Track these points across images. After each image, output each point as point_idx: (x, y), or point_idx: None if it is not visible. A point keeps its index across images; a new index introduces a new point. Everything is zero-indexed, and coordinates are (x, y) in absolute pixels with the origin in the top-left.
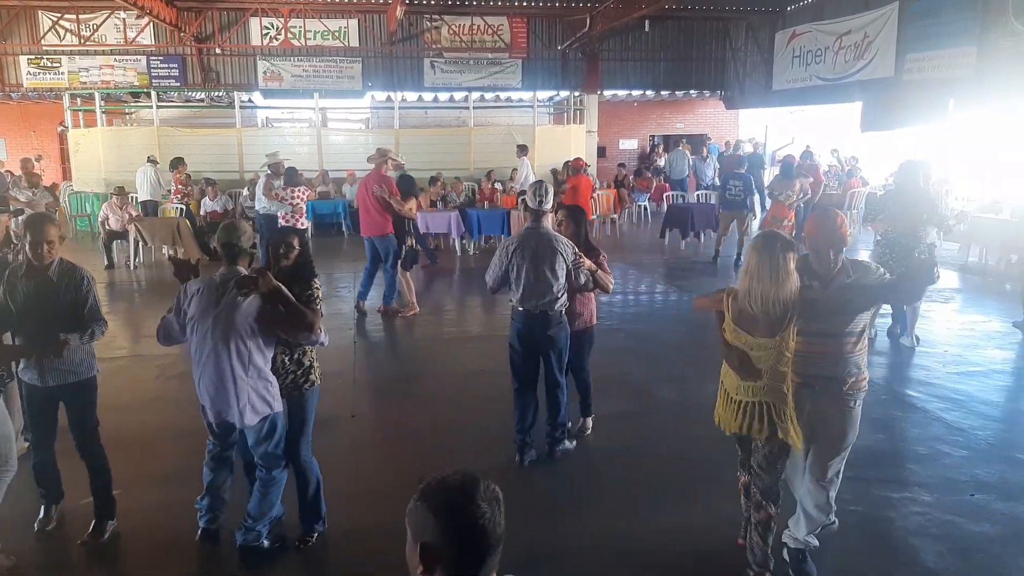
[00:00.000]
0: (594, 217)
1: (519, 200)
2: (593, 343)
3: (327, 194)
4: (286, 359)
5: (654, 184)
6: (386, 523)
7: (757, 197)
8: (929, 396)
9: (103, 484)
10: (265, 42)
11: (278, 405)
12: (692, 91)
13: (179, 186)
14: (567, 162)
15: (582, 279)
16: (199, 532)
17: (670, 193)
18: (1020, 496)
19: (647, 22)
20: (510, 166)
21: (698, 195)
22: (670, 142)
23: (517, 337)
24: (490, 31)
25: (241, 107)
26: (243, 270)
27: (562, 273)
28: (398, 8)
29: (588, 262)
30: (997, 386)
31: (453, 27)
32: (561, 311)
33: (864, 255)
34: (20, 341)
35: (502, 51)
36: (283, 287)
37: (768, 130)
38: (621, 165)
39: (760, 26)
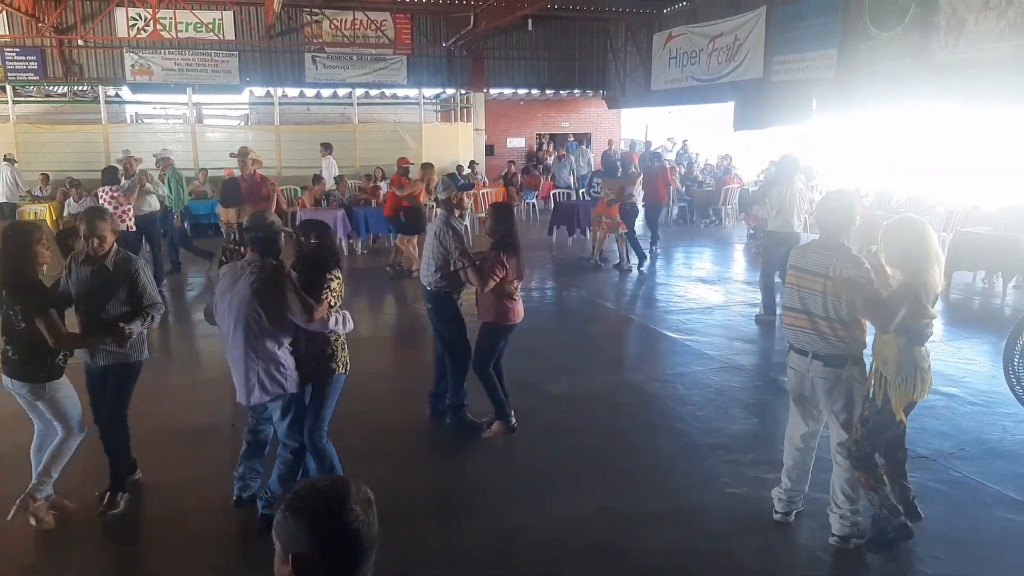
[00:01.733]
0: (481, 215)
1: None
2: (493, 340)
3: (203, 194)
4: (308, 345)
5: (542, 182)
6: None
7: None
8: None
9: (117, 463)
10: (132, 34)
11: (293, 387)
12: (576, 90)
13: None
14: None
15: (456, 266)
16: (233, 498)
17: (556, 191)
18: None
19: (530, 21)
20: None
21: (581, 193)
22: (557, 141)
23: None
24: (373, 27)
25: (107, 102)
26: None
27: (439, 256)
28: (275, 1)
29: (458, 253)
30: None
31: (335, 21)
32: (439, 291)
33: (739, 248)
34: (78, 324)
35: (386, 47)
36: (285, 274)
37: (648, 129)
38: (510, 162)
39: (638, 27)
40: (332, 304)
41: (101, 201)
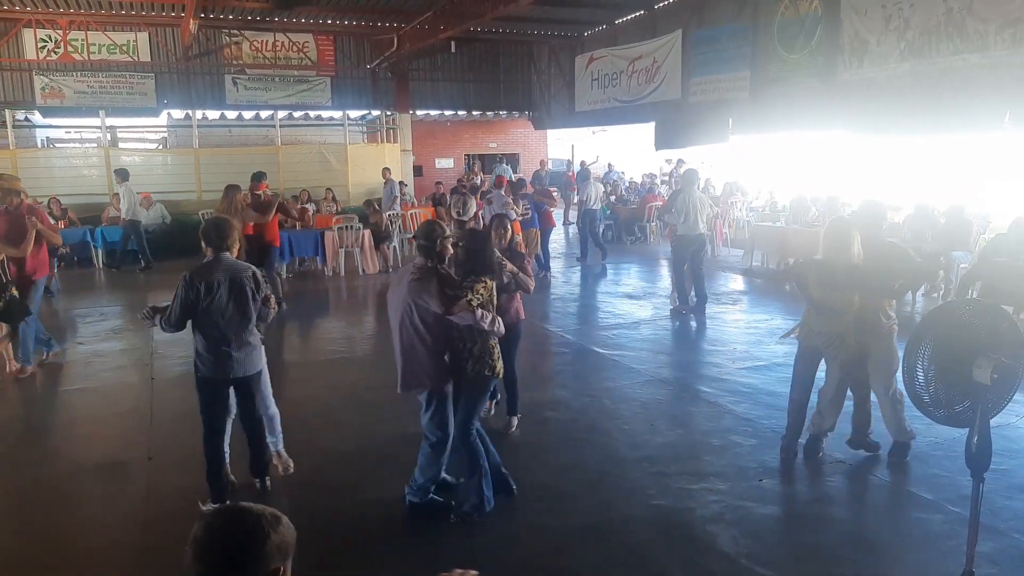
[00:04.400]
0: (410, 235)
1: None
2: (520, 339)
3: (118, 220)
4: (467, 346)
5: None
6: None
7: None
8: (720, 391)
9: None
10: (42, 56)
11: (429, 383)
12: (502, 112)
13: None
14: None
15: (504, 279)
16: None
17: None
18: (800, 479)
19: (453, 43)
20: (323, 185)
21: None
22: (485, 162)
23: None
24: (295, 48)
25: (16, 126)
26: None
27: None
28: (191, 22)
29: (509, 264)
30: (779, 378)
31: (255, 43)
32: None
33: (664, 263)
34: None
35: (309, 69)
36: (436, 273)
37: (575, 149)
38: (438, 183)
39: (561, 50)
40: (476, 303)
41: None
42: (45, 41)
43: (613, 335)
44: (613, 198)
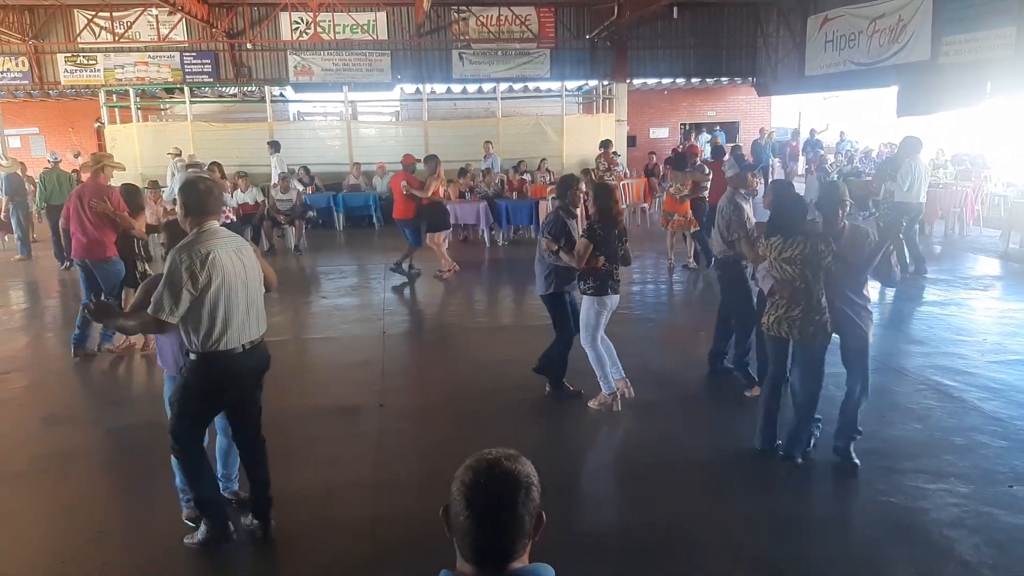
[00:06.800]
0: (623, 206)
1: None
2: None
3: (358, 187)
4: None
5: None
6: (409, 510)
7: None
8: (966, 385)
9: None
10: (295, 36)
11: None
12: (723, 78)
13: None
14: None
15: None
16: None
17: None
18: None
19: (675, 9)
20: (539, 156)
21: None
22: (703, 130)
23: None
24: (518, 21)
25: (272, 101)
26: None
27: (723, 229)
28: (425, 1)
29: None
30: None
31: (481, 18)
32: (726, 259)
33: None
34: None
35: (530, 41)
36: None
37: (802, 116)
38: (651, 153)
39: (791, 11)
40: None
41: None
42: (298, 23)
43: None
44: (848, 168)
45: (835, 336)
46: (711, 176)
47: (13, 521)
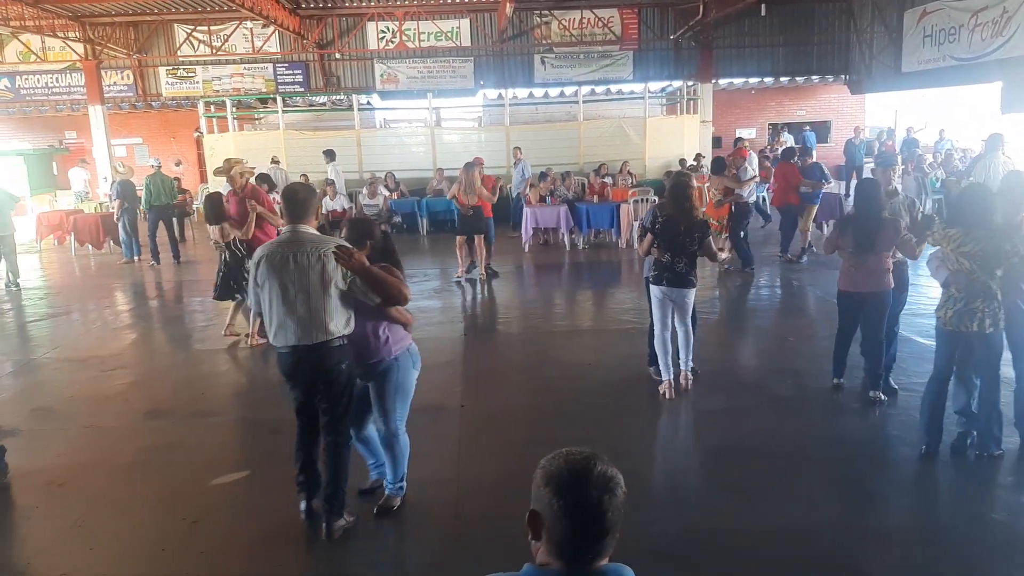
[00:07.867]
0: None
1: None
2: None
3: (441, 192)
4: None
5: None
6: (488, 509)
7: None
8: None
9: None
10: (381, 45)
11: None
12: (814, 76)
13: None
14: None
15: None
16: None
17: None
18: None
19: (763, 6)
20: (620, 159)
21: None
22: (784, 129)
23: None
24: (600, 24)
25: (360, 109)
26: None
27: None
28: (508, 5)
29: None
30: None
31: (563, 22)
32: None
33: None
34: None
35: (612, 43)
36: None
37: (898, 115)
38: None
39: (887, 5)
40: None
41: None
42: (384, 32)
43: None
44: (942, 172)
45: None
46: (755, 178)
47: (118, 508)
